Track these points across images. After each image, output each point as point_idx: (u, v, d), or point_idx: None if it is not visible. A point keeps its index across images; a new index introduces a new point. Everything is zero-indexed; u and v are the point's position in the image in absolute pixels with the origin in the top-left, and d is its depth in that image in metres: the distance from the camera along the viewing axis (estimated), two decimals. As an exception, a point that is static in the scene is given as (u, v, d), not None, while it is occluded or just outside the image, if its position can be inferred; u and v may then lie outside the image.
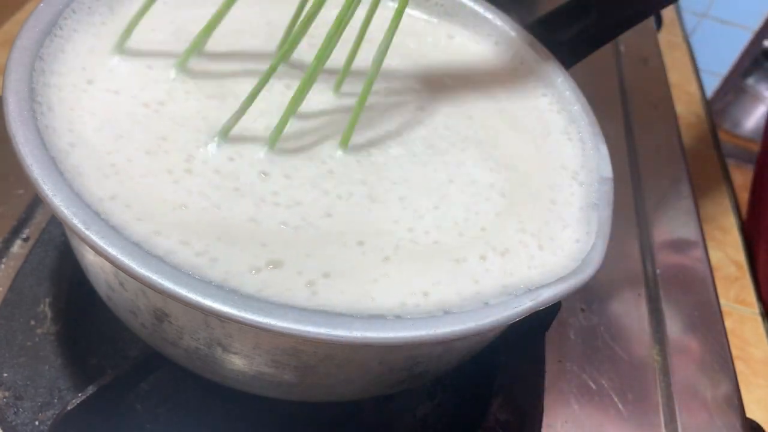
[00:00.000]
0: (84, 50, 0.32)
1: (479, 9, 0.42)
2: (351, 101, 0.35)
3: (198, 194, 0.28)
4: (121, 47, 0.33)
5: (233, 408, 0.37)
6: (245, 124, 0.31)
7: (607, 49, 0.69)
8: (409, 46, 0.41)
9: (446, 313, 0.25)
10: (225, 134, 0.30)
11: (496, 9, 0.43)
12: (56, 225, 0.43)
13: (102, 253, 0.23)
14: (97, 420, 0.34)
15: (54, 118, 0.28)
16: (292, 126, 0.32)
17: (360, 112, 0.32)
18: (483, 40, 0.43)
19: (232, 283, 0.24)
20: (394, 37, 0.32)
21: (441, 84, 0.39)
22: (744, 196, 0.73)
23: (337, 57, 0.33)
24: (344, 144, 0.32)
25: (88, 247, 0.23)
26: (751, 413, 0.45)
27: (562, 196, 0.34)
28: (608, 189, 0.33)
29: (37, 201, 0.45)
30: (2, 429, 0.34)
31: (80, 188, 0.25)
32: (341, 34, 0.31)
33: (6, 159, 0.44)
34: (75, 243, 0.31)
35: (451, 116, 0.37)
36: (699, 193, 0.62)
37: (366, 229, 0.29)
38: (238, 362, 0.28)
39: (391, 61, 0.39)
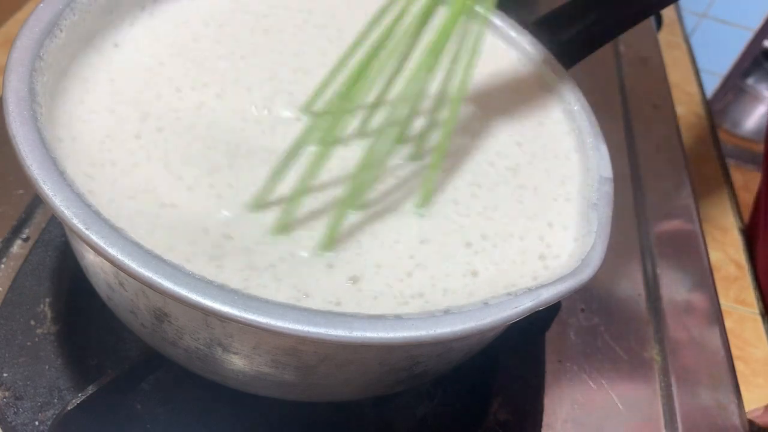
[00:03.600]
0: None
1: None
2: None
3: None
4: None
5: (233, 408, 0.37)
6: None
7: (607, 49, 0.69)
8: None
9: (446, 313, 0.25)
10: None
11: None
12: (56, 225, 0.43)
13: (102, 253, 0.23)
14: (97, 420, 0.34)
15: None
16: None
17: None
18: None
19: (232, 284, 0.24)
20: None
21: None
22: (744, 196, 0.73)
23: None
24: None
25: (88, 247, 0.23)
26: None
27: (562, 195, 0.34)
28: (608, 189, 0.33)
29: (37, 201, 0.45)
30: (2, 429, 0.34)
31: (80, 188, 0.25)
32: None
33: (6, 159, 0.44)
34: (75, 243, 0.31)
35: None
36: (699, 193, 0.62)
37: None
38: (238, 362, 0.28)
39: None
